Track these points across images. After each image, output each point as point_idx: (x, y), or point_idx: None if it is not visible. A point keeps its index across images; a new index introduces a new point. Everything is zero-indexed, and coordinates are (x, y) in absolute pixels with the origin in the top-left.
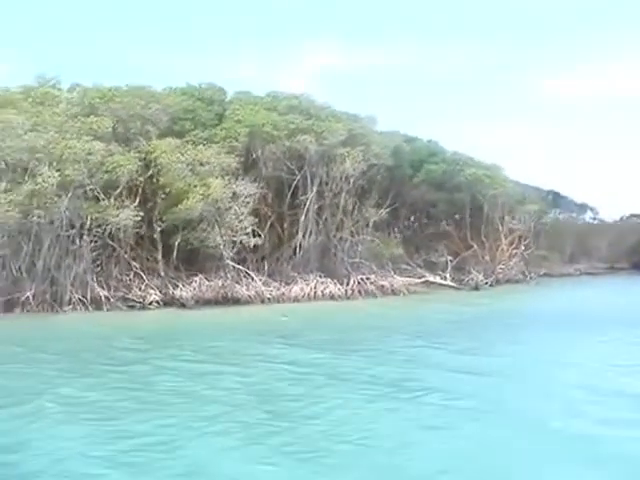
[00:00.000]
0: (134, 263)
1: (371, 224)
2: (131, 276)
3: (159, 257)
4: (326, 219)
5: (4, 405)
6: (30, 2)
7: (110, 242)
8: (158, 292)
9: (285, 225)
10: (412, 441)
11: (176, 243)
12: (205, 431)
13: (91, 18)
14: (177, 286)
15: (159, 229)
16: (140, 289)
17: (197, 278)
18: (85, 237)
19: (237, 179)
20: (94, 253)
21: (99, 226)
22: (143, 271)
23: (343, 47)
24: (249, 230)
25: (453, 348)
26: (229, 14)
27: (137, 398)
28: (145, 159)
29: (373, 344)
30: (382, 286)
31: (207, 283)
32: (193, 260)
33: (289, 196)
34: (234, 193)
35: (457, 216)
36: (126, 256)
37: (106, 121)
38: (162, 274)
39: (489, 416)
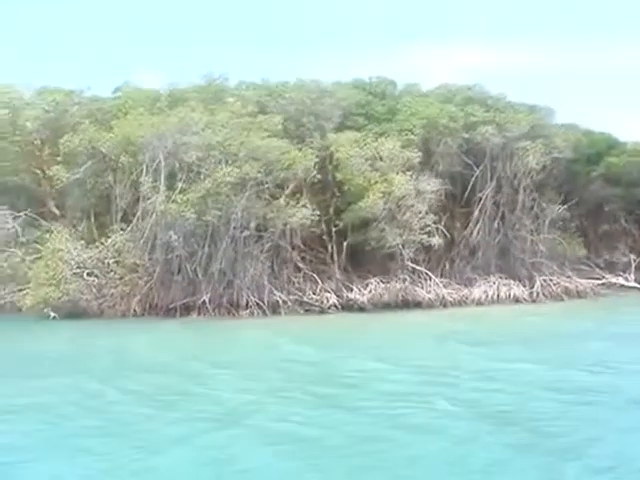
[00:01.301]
0: (302, 265)
1: (548, 222)
2: (301, 278)
3: (334, 258)
4: (503, 217)
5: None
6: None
7: (281, 243)
8: (334, 295)
9: (458, 224)
10: None
11: (345, 243)
12: None
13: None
14: (351, 289)
15: (334, 229)
16: (314, 292)
17: (373, 280)
18: (261, 238)
19: (418, 174)
20: (264, 255)
21: (274, 226)
22: (313, 273)
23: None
24: (429, 229)
25: None
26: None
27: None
28: (319, 155)
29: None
30: (566, 288)
31: (383, 285)
32: (363, 261)
33: (465, 193)
34: (417, 190)
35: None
36: (298, 258)
37: (276, 118)
38: (338, 276)
39: None
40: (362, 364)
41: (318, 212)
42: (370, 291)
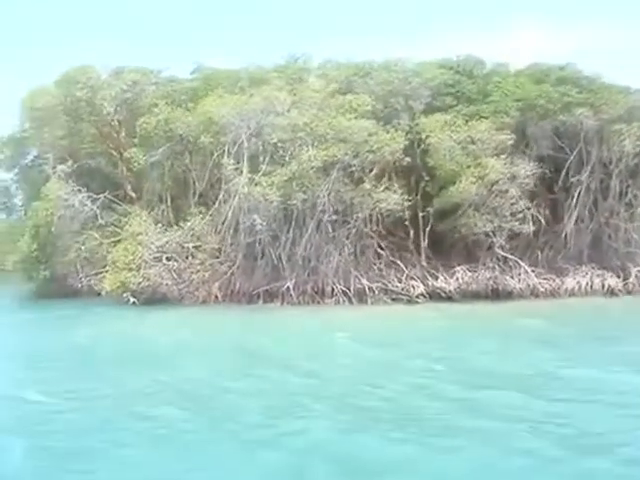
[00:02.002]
0: (385, 252)
1: None
2: (383, 265)
3: (420, 245)
4: (596, 203)
5: None
6: None
7: (365, 229)
8: (421, 284)
9: (547, 210)
10: None
11: (427, 230)
12: None
13: None
14: (436, 277)
15: (421, 214)
16: (399, 280)
17: (459, 268)
18: (346, 223)
19: (512, 158)
20: (350, 240)
21: (360, 211)
22: (397, 260)
23: (551, 24)
24: (521, 215)
25: None
26: None
27: None
28: (408, 138)
29: None
30: None
31: (470, 274)
32: (446, 248)
33: (557, 178)
34: (512, 174)
35: None
36: (383, 244)
37: (365, 98)
38: (424, 264)
39: None
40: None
41: (409, 197)
42: (457, 279)
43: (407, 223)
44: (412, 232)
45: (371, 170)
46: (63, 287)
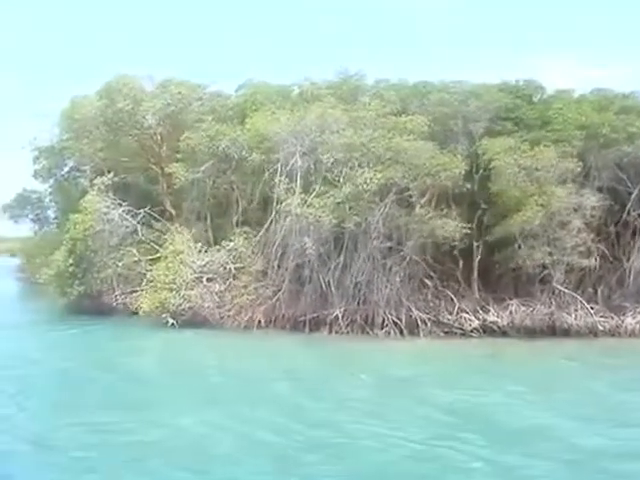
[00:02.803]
0: (435, 282)
1: None
2: (432, 296)
3: (473, 276)
4: None
5: None
6: None
7: (414, 257)
8: (474, 317)
9: (604, 244)
10: None
11: (477, 260)
12: None
13: None
14: (487, 310)
15: (475, 244)
16: (450, 312)
17: (513, 302)
18: (399, 250)
19: (577, 188)
20: (402, 269)
21: (414, 238)
22: (446, 291)
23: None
24: (582, 249)
25: None
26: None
27: None
28: (467, 162)
29: None
30: None
31: (524, 309)
32: (494, 280)
33: (619, 211)
34: (577, 205)
35: None
36: (431, 273)
37: (421, 119)
38: (476, 296)
39: None
40: None
41: (469, 225)
42: (510, 314)
43: (456, 252)
44: (461, 262)
45: (428, 195)
46: (97, 304)
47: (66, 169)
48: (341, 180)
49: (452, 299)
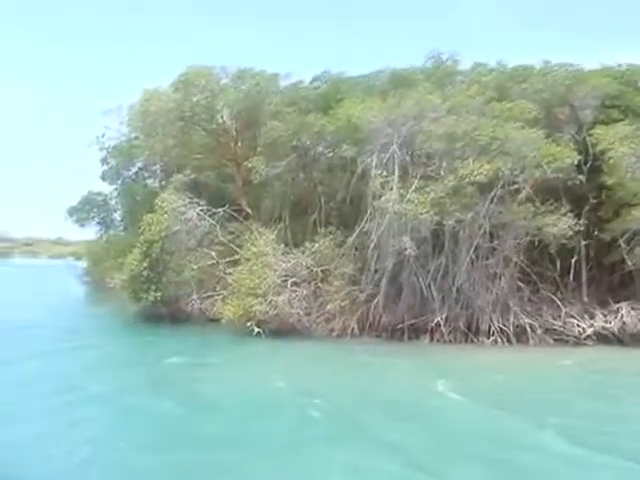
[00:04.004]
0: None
1: None
2: (538, 300)
3: (582, 278)
4: None
5: None
6: None
7: (515, 257)
8: (585, 323)
9: None
10: None
11: (574, 260)
12: None
13: None
14: (592, 315)
15: (584, 242)
16: (555, 318)
17: (623, 305)
18: (502, 249)
19: None
20: (509, 270)
21: (522, 236)
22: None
23: None
24: None
25: None
26: None
27: None
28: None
29: None
30: None
31: (633, 313)
32: (596, 282)
33: None
34: None
35: None
36: (534, 275)
37: (527, 105)
38: (585, 299)
39: None
40: None
41: (583, 221)
42: (620, 318)
43: (553, 252)
44: (558, 262)
45: (533, 189)
46: (172, 310)
47: (134, 169)
48: (442, 173)
49: (557, 304)
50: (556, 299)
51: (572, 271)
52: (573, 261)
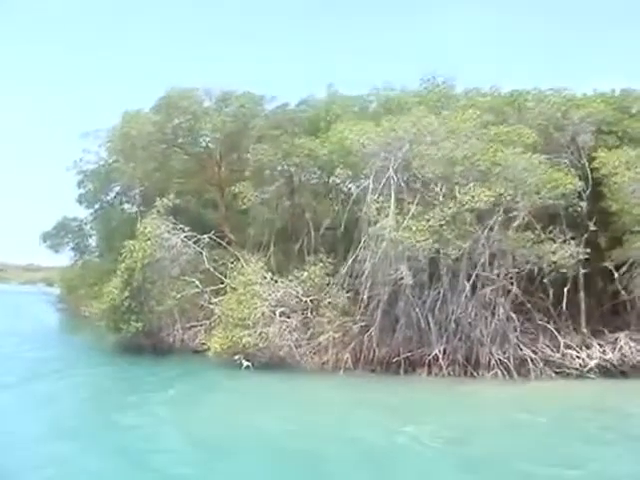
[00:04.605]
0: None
1: None
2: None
3: (581, 308)
4: None
5: None
6: None
7: (511, 287)
8: (586, 355)
9: None
10: None
11: (566, 289)
12: None
13: None
14: (590, 345)
15: (582, 271)
16: (554, 350)
17: (621, 336)
18: (500, 278)
19: None
20: (508, 300)
21: (518, 265)
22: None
23: None
24: None
25: None
26: None
27: None
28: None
29: None
30: None
31: (632, 344)
32: (590, 311)
33: None
34: None
35: None
36: (529, 305)
37: (525, 130)
38: (584, 330)
39: None
40: None
41: (582, 249)
42: (619, 349)
43: (545, 281)
44: (551, 291)
45: (534, 216)
46: (153, 341)
47: (112, 194)
48: (440, 199)
49: (553, 334)
50: (553, 329)
51: (564, 300)
52: (566, 290)
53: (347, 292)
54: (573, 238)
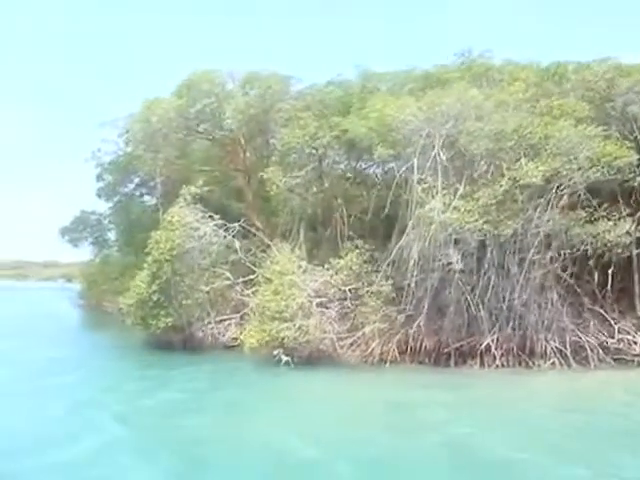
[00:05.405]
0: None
1: None
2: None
3: (636, 291)
4: None
5: None
6: None
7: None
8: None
9: None
10: None
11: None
12: None
13: None
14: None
15: (636, 252)
16: (606, 336)
17: None
18: (555, 261)
19: None
20: (563, 285)
21: (575, 246)
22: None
23: None
24: None
25: None
26: None
27: None
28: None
29: None
30: None
31: None
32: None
33: None
34: None
35: None
36: (578, 289)
37: (577, 102)
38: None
39: None
40: None
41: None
42: None
43: (590, 263)
44: (596, 274)
45: (592, 191)
46: (183, 336)
47: (131, 186)
48: (489, 176)
49: (606, 319)
50: (605, 314)
51: (612, 282)
52: (610, 271)
53: (390, 280)
54: (630, 215)
